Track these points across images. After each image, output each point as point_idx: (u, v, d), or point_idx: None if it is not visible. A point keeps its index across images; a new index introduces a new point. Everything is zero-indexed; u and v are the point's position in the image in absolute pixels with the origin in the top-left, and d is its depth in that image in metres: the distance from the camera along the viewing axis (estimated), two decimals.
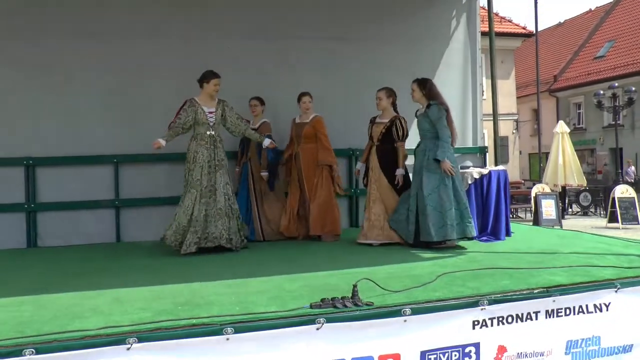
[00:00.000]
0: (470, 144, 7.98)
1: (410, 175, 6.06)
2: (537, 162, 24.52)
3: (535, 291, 3.69)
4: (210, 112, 5.75)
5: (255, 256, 5.51)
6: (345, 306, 3.32)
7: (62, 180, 6.56)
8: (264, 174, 6.42)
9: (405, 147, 6.11)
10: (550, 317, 3.62)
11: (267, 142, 6.05)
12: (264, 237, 6.40)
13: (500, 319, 3.51)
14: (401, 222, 5.77)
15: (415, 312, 3.37)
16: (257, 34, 7.11)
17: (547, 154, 17.54)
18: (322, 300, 3.37)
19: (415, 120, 6.00)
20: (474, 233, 5.58)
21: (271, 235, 6.45)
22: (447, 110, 5.76)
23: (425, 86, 5.81)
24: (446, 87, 7.72)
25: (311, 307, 3.32)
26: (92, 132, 6.62)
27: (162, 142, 5.61)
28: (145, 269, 4.99)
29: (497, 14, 25.16)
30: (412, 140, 6.14)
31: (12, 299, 3.88)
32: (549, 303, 3.64)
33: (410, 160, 6.16)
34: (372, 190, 5.95)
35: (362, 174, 6.25)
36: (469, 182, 6.22)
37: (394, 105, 6.10)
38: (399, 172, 5.95)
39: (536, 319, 3.58)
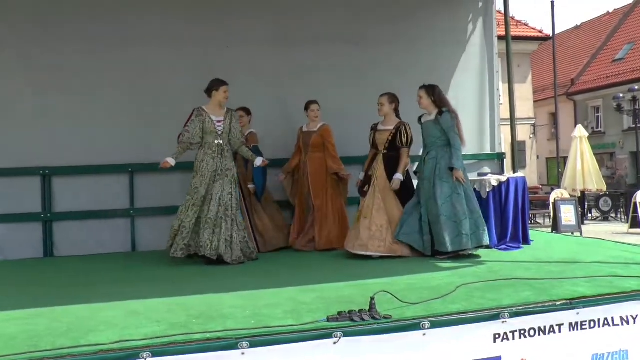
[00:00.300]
0: (487, 150, 7.87)
1: (415, 182, 5.95)
2: (555, 166, 24.23)
3: (558, 303, 3.58)
4: (219, 121, 5.72)
5: (267, 267, 5.46)
6: (363, 319, 3.25)
7: (77, 189, 6.58)
8: (251, 186, 6.32)
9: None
10: (574, 330, 3.52)
11: (258, 161, 5.88)
12: (259, 249, 6.16)
13: (522, 332, 3.41)
14: (414, 234, 5.60)
15: (434, 325, 3.29)
16: (272, 40, 7.09)
17: (565, 159, 17.32)
18: (339, 313, 3.30)
19: (421, 126, 5.91)
20: (489, 241, 5.52)
21: (264, 247, 6.29)
22: (456, 117, 5.70)
23: (434, 93, 5.73)
24: (463, 91, 7.69)
25: (328, 320, 3.25)
26: (107, 141, 6.62)
27: (172, 161, 5.63)
28: (159, 280, 4.97)
29: (513, 18, 24.97)
30: (416, 146, 6.06)
31: (27, 311, 3.88)
32: (572, 315, 3.53)
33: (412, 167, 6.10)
34: (376, 199, 5.68)
35: (363, 183, 6.00)
36: (487, 189, 6.12)
37: (396, 111, 5.95)
38: (398, 177, 5.76)
39: (559, 332, 3.48)
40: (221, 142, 5.72)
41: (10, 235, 6.40)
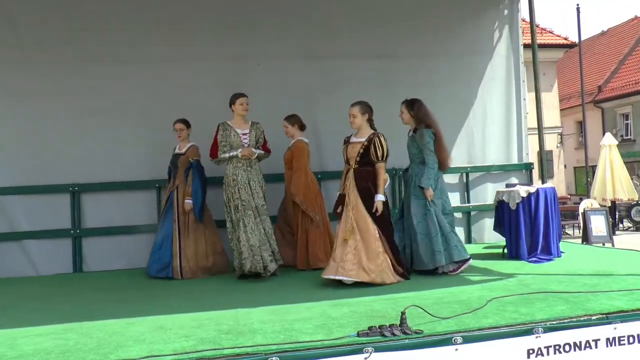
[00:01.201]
0: (515, 160, 7.79)
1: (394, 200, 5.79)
2: (584, 176, 23.81)
3: (594, 318, 3.50)
4: (244, 134, 5.76)
5: (296, 281, 5.45)
6: (394, 334, 3.21)
7: (106, 205, 6.69)
8: (188, 201, 5.92)
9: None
10: (611, 345, 3.42)
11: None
12: (182, 275, 5.79)
13: (557, 347, 3.33)
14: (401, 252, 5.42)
15: (467, 340, 3.24)
16: (303, 55, 7.17)
17: (593, 168, 17.02)
18: (370, 328, 3.28)
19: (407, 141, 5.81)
20: (463, 256, 5.40)
21: (190, 273, 5.82)
22: (435, 134, 5.56)
23: (414, 107, 5.62)
24: (490, 101, 7.66)
25: (358, 335, 3.23)
26: (135, 157, 6.74)
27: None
28: (187, 295, 5.00)
29: (538, 25, 24.73)
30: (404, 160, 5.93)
31: (58, 326, 3.94)
32: (609, 330, 3.44)
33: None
34: (348, 220, 5.07)
35: (337, 203, 5.35)
36: (517, 200, 6.04)
37: (370, 122, 5.35)
38: (379, 198, 5.10)
39: (596, 347, 3.39)
40: None
41: (42, 251, 6.52)
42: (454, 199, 7.55)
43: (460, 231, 7.54)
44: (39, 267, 6.53)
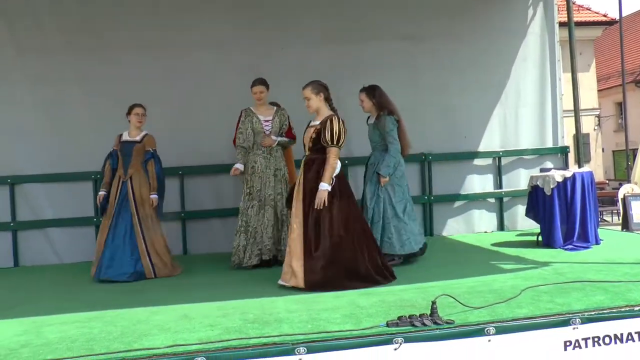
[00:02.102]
0: (550, 144, 7.67)
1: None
2: (623, 160, 23.33)
3: (636, 308, 3.42)
4: (267, 121, 5.75)
5: None
6: (424, 324, 3.20)
7: None
8: (154, 196, 5.65)
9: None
10: None
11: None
12: (155, 274, 5.46)
13: (596, 339, 3.28)
14: None
15: (500, 331, 3.20)
16: (324, 39, 7.13)
17: (634, 151, 16.62)
18: (399, 318, 3.27)
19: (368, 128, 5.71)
20: (391, 251, 5.31)
21: (163, 270, 5.53)
22: (398, 121, 5.49)
23: (375, 95, 5.53)
24: (523, 83, 7.54)
25: (388, 325, 3.22)
26: (158, 144, 6.74)
27: (240, 166, 5.66)
28: (212, 283, 5.04)
29: (574, 2, 24.17)
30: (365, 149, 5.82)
31: (82, 314, 4.02)
32: None
33: None
34: (297, 212, 4.62)
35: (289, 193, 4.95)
36: (552, 185, 5.94)
37: (328, 101, 4.86)
38: (323, 187, 4.51)
39: (639, 340, 3.32)
40: None
41: (66, 239, 6.65)
42: (486, 184, 7.50)
43: (492, 218, 7.51)
44: (62, 255, 6.67)
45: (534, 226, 6.66)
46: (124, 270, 5.35)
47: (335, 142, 4.63)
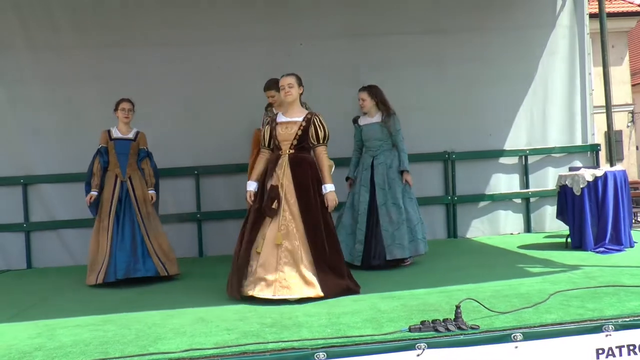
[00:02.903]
0: (579, 142, 7.58)
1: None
2: None
3: None
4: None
5: None
6: (448, 330, 3.19)
7: None
8: (153, 192, 5.71)
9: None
10: None
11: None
12: (168, 272, 5.49)
13: (632, 347, 3.23)
14: (344, 243, 5.39)
15: (527, 337, 3.18)
16: (346, 33, 7.13)
17: None
18: (422, 322, 3.26)
19: (357, 130, 5.82)
20: (420, 251, 5.59)
21: (172, 267, 5.57)
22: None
23: (377, 94, 5.69)
24: (551, 77, 7.49)
25: (410, 330, 3.21)
26: (173, 143, 6.84)
27: None
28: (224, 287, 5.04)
29: None
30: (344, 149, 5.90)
31: (97, 317, 4.07)
32: None
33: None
34: (282, 221, 4.40)
35: (254, 197, 4.63)
36: (581, 185, 5.87)
37: (300, 96, 4.78)
38: (330, 188, 4.53)
39: None
40: None
41: (80, 241, 6.72)
42: (512, 184, 7.45)
43: (518, 219, 7.46)
44: (76, 256, 6.74)
45: (562, 228, 6.61)
46: (136, 267, 5.39)
47: (325, 141, 4.66)
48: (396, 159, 5.64)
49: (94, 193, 5.61)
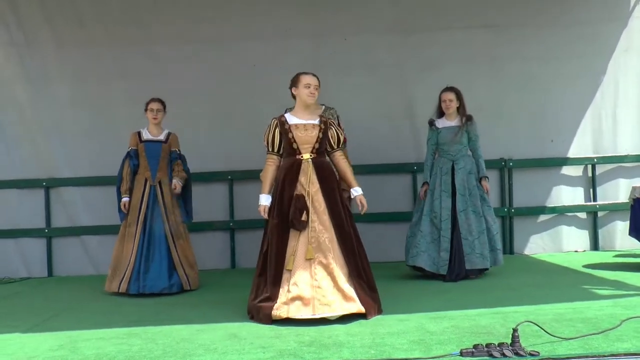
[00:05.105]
0: None
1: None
2: None
3: None
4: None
5: (388, 288, 5.41)
6: (504, 355, 3.16)
7: None
8: (178, 182, 5.74)
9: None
10: None
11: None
12: (190, 285, 5.65)
13: None
14: (422, 254, 5.71)
15: None
16: (395, 28, 7.13)
17: None
18: (475, 346, 3.24)
19: (433, 132, 5.94)
20: (500, 263, 5.84)
21: (195, 281, 5.72)
22: None
23: (461, 96, 5.93)
24: (623, 77, 7.35)
25: (462, 354, 3.20)
26: (205, 146, 6.94)
27: None
28: None
29: None
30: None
31: (121, 329, 4.15)
32: None
33: None
34: (312, 232, 4.33)
35: (266, 212, 4.55)
36: None
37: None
38: (359, 192, 4.58)
39: None
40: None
41: (103, 248, 6.85)
42: (577, 196, 7.32)
43: (584, 235, 7.31)
44: (100, 265, 6.86)
45: (636, 246, 6.46)
46: (161, 281, 5.50)
47: (344, 145, 4.75)
48: (474, 165, 5.89)
49: (126, 199, 5.75)
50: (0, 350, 3.74)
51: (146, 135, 5.86)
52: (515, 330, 3.28)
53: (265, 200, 4.54)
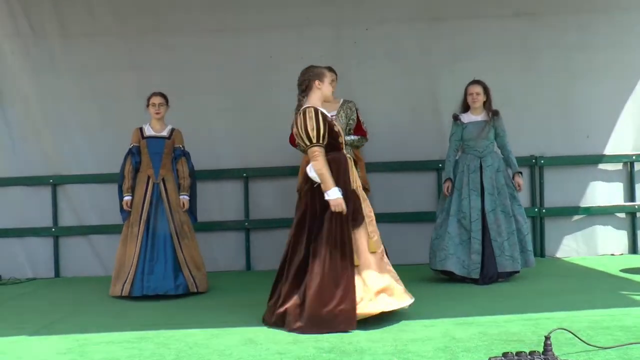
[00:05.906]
0: None
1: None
2: None
3: None
4: (332, 116, 5.75)
5: (414, 292, 5.40)
6: None
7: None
8: (185, 197, 5.80)
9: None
10: None
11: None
12: (197, 287, 5.66)
13: None
14: (450, 257, 5.67)
15: None
16: (421, 16, 7.11)
17: None
18: (504, 354, 3.21)
19: (458, 127, 5.94)
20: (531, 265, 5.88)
21: (203, 283, 5.74)
22: None
23: (488, 90, 5.94)
24: None
25: None
26: (219, 142, 6.99)
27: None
28: None
29: None
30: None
31: (132, 333, 4.19)
32: None
33: None
34: (370, 227, 4.47)
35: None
36: None
37: None
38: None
39: None
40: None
41: (112, 248, 6.86)
42: (614, 196, 7.26)
43: (621, 237, 7.25)
44: (108, 265, 6.87)
45: None
46: (166, 282, 5.53)
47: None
48: (502, 162, 5.91)
49: (128, 198, 5.78)
50: (7, 353, 3.80)
51: (148, 131, 5.90)
52: (547, 337, 3.25)
53: (339, 192, 4.32)
